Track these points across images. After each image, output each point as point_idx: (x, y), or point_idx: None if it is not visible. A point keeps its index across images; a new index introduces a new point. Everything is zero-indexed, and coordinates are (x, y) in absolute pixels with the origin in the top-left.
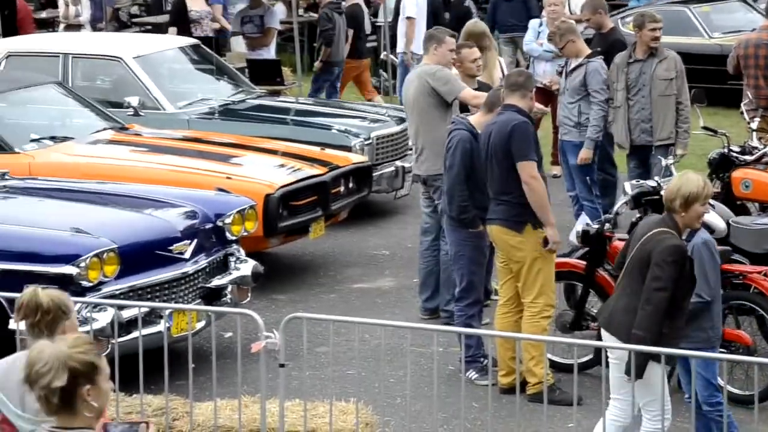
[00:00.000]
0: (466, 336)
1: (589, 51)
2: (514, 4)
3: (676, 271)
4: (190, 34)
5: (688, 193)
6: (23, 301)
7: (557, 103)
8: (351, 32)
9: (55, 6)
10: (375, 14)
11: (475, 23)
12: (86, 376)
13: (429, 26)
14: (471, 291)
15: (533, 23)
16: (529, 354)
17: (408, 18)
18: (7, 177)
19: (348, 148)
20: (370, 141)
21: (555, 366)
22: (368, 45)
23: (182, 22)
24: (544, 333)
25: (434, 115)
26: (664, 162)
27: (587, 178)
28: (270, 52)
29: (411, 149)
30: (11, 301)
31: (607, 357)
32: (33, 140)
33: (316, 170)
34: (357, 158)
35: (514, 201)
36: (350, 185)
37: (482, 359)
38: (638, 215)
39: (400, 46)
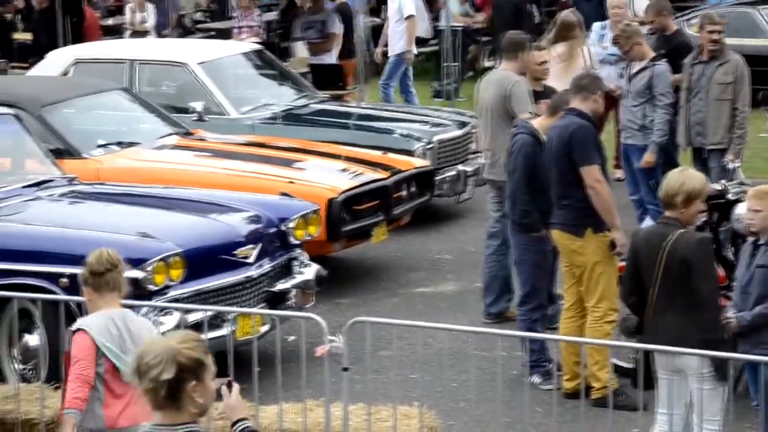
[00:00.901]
0: (529, 340)
1: (653, 54)
2: (593, 3)
3: (713, 263)
4: None
5: (691, 190)
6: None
7: (620, 106)
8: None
9: (122, 13)
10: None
11: (571, 12)
12: (193, 372)
13: (511, 26)
14: (534, 295)
15: (596, 26)
16: (593, 358)
17: (408, 17)
18: (75, 182)
19: (410, 152)
20: (432, 145)
21: (619, 371)
22: (428, 50)
23: None
24: (608, 337)
25: (511, 121)
26: (730, 165)
27: (652, 181)
28: (332, 57)
29: (474, 153)
30: (79, 305)
31: (653, 372)
32: (100, 146)
33: (379, 174)
34: (419, 162)
35: (575, 205)
36: (412, 189)
37: (546, 364)
38: (704, 218)
39: (401, 46)
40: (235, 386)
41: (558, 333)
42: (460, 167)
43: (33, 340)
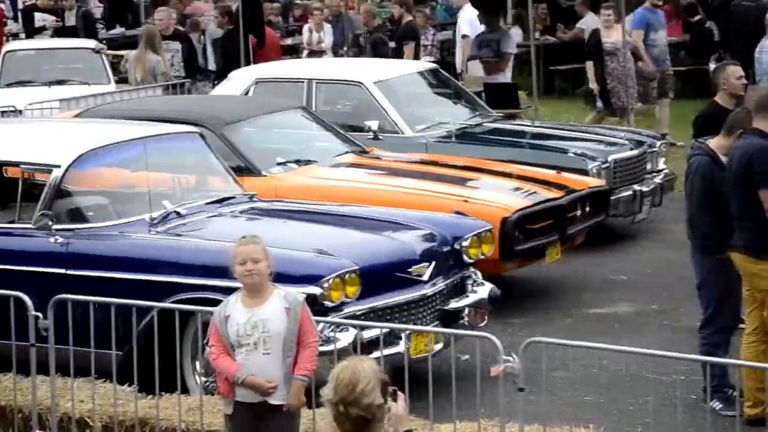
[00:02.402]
0: (710, 365)
1: None
2: None
3: None
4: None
5: None
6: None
7: None
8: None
9: (300, 33)
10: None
11: None
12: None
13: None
14: (716, 319)
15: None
16: None
17: (463, 36)
18: (255, 199)
19: (585, 172)
20: (608, 164)
21: None
22: None
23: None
24: None
25: None
26: None
27: None
28: (506, 76)
29: (650, 174)
30: None
31: None
32: (279, 163)
33: (553, 194)
34: (594, 182)
35: (755, 227)
36: (587, 209)
37: (727, 390)
38: None
39: (458, 65)
40: (401, 396)
41: (740, 358)
42: (636, 187)
43: None
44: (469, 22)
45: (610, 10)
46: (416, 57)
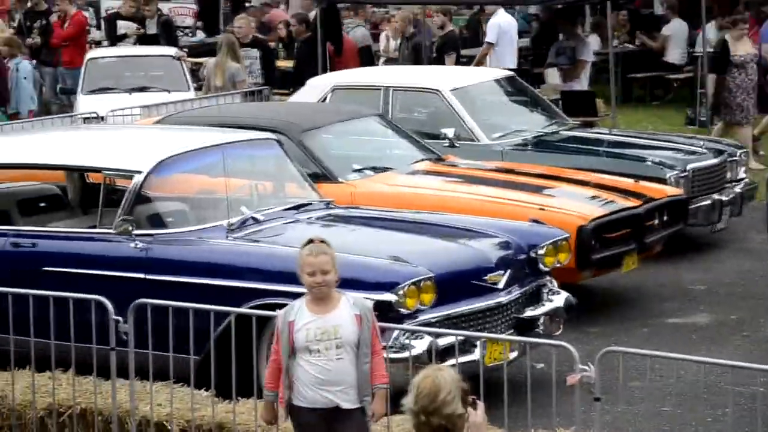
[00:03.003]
0: None
1: None
2: None
3: None
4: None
5: None
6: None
7: None
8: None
9: (377, 41)
10: None
11: None
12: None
13: None
14: None
15: None
16: None
17: (487, 42)
18: (331, 206)
19: (663, 181)
20: (686, 173)
21: None
22: (683, 76)
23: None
24: None
25: None
26: None
27: None
28: (581, 84)
29: (730, 183)
30: None
31: None
32: (355, 170)
33: (631, 203)
34: (672, 191)
35: None
36: (665, 218)
37: None
38: None
39: None
40: (480, 405)
41: None
42: (716, 196)
43: None
44: (494, 27)
45: (746, 24)
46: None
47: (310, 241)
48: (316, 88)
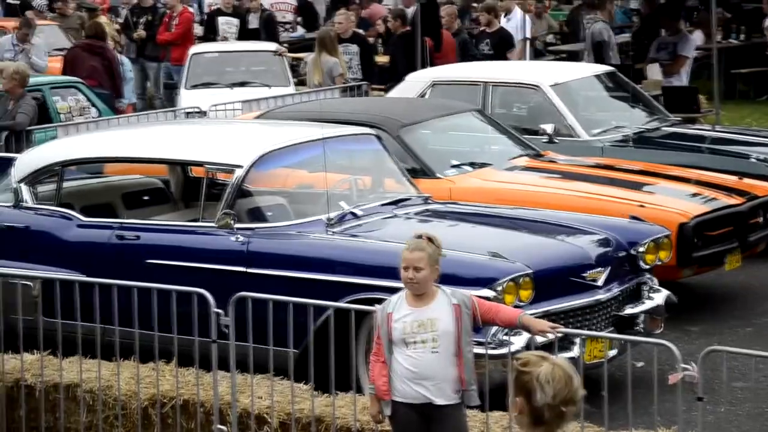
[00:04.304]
0: None
1: None
2: None
3: None
4: None
5: None
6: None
7: None
8: None
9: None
10: None
11: None
12: None
13: None
14: None
15: None
16: None
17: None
18: (430, 201)
19: (767, 178)
20: None
21: None
22: None
23: None
24: None
25: None
26: None
27: None
28: (681, 80)
29: None
30: None
31: None
32: (454, 166)
33: (733, 200)
34: None
35: None
36: None
37: None
38: None
39: None
40: None
41: None
42: None
43: None
44: (513, 25)
45: None
46: None
47: (419, 237)
48: (416, 83)
